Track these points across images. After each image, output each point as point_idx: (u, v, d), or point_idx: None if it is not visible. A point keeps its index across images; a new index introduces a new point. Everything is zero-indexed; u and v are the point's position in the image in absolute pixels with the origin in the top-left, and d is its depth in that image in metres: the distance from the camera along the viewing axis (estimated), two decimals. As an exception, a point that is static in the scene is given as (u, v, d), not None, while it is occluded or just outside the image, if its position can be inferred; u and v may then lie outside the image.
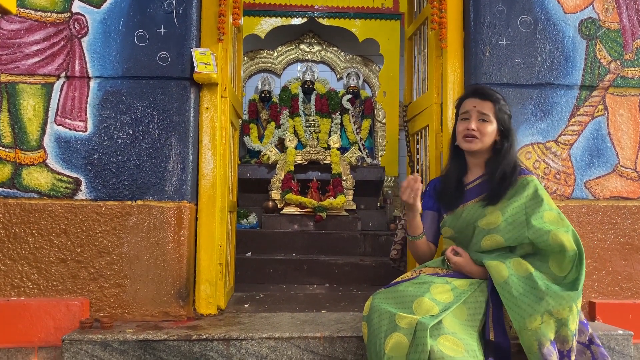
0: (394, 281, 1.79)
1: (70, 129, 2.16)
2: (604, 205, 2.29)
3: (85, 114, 2.17)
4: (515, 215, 1.70)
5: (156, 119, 2.17)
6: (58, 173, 2.14)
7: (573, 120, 2.30)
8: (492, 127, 1.80)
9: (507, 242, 1.70)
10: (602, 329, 2.04)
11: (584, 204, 2.28)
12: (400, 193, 1.80)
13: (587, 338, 1.62)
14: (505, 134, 1.82)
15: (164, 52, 2.19)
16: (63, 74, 2.18)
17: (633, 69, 2.34)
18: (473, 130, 1.79)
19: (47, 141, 2.15)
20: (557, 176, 2.27)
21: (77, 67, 2.18)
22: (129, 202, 2.14)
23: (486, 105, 1.81)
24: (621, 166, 2.31)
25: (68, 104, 2.17)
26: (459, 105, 1.90)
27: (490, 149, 1.84)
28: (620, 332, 2.02)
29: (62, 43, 2.18)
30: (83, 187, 2.14)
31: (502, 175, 1.77)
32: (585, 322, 1.64)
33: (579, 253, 1.62)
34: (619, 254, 2.27)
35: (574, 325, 1.53)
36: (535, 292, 1.55)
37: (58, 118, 2.16)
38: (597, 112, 2.32)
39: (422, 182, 2.55)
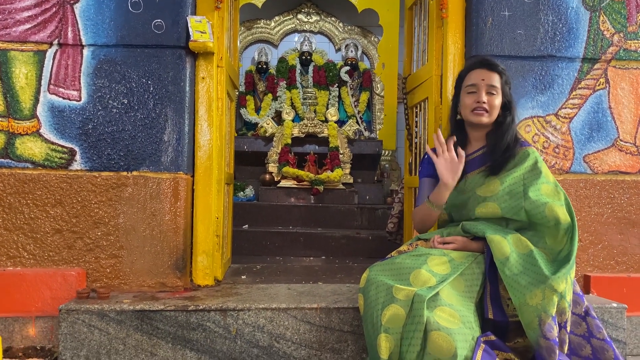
0: (390, 254, 1.79)
1: (64, 98, 2.12)
2: (602, 179, 2.28)
3: (79, 83, 2.13)
4: (514, 185, 1.70)
5: (151, 89, 2.13)
6: (52, 143, 2.11)
7: (574, 93, 2.27)
8: (499, 100, 1.80)
9: (503, 211, 1.69)
10: (596, 302, 2.05)
11: (582, 178, 2.27)
12: (437, 163, 1.76)
13: (583, 309, 1.63)
14: (507, 106, 1.81)
15: (159, 20, 2.14)
16: (56, 42, 2.13)
17: (636, 41, 2.30)
18: (484, 103, 1.77)
19: (41, 110, 2.11)
20: (556, 150, 2.26)
21: (69, 35, 2.13)
22: (125, 173, 2.12)
23: (494, 77, 1.79)
24: (621, 140, 2.29)
25: (61, 72, 2.13)
26: (464, 76, 1.87)
27: (492, 123, 1.82)
28: (615, 305, 2.03)
29: (54, 9, 2.12)
30: (78, 157, 2.12)
31: (505, 148, 1.76)
32: (581, 294, 1.65)
33: (573, 225, 1.62)
34: (615, 228, 2.28)
35: (569, 296, 1.54)
36: (535, 269, 1.54)
37: (51, 87, 2.12)
38: (599, 85, 2.29)
39: (420, 156, 2.53)
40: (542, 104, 2.26)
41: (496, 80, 1.79)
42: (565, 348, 1.53)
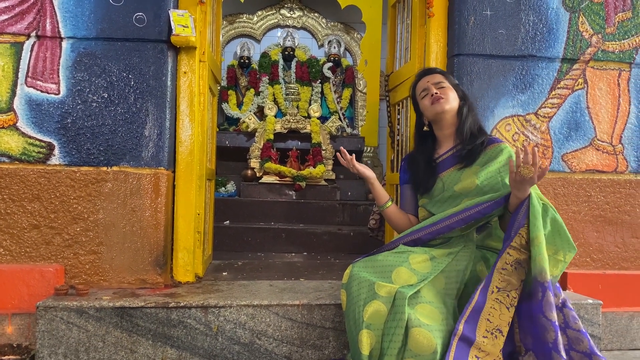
0: (374, 250, 1.80)
1: (42, 92, 2.08)
2: (579, 178, 2.32)
3: (58, 76, 2.09)
4: (491, 179, 1.74)
5: (132, 83, 2.11)
6: (30, 137, 2.07)
7: (553, 93, 2.31)
8: (452, 92, 1.87)
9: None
10: (573, 298, 2.10)
11: (560, 176, 2.31)
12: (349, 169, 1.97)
13: (561, 301, 1.65)
14: (462, 98, 1.90)
15: (140, 13, 2.11)
16: (33, 34, 2.08)
17: (614, 42, 2.34)
18: (437, 93, 1.86)
19: (18, 103, 2.07)
20: (536, 149, 2.29)
21: (48, 27, 2.09)
22: (105, 168, 2.09)
23: (437, 77, 1.91)
24: (598, 140, 2.34)
25: (39, 65, 2.08)
26: (414, 89, 1.97)
27: (456, 117, 1.88)
28: (590, 301, 2.08)
29: (32, 0, 2.08)
30: (56, 151, 2.08)
31: (470, 134, 1.84)
32: (558, 286, 1.68)
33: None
34: (592, 226, 2.33)
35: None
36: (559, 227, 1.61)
37: (29, 80, 2.08)
38: (577, 85, 2.33)
39: (402, 153, 2.55)
40: (523, 103, 2.29)
41: (439, 77, 1.90)
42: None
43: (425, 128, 1.94)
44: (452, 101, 1.85)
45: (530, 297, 1.52)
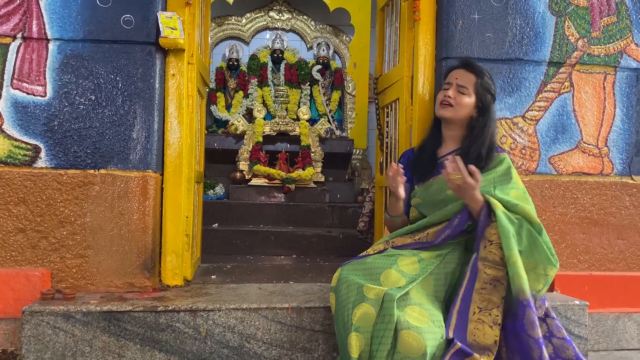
0: (362, 253, 1.80)
1: (28, 94, 2.06)
2: (566, 180, 2.35)
3: (44, 78, 2.07)
4: (483, 188, 1.70)
5: (120, 85, 2.09)
6: (15, 139, 2.05)
7: (540, 96, 2.33)
8: (469, 100, 1.82)
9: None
10: (560, 300, 2.12)
11: (547, 178, 2.33)
12: (385, 177, 1.80)
13: (543, 312, 1.67)
14: (482, 110, 1.82)
15: (128, 15, 2.09)
16: (19, 35, 2.06)
17: (599, 46, 2.37)
18: (449, 97, 1.82)
19: (3, 106, 2.04)
20: (523, 151, 2.31)
21: (34, 28, 2.06)
22: (92, 171, 2.07)
23: (468, 77, 1.83)
24: (584, 142, 2.36)
25: (25, 66, 2.06)
26: (445, 75, 1.93)
27: (466, 124, 1.84)
28: (577, 302, 2.10)
29: (18, 1, 2.06)
30: (43, 154, 2.06)
31: (476, 156, 1.76)
32: (543, 297, 1.69)
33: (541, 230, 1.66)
34: (578, 228, 2.35)
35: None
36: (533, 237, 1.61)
37: (15, 82, 2.05)
38: (564, 88, 2.35)
39: (391, 156, 2.56)
40: (510, 106, 2.31)
41: (469, 80, 1.83)
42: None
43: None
44: (460, 111, 1.81)
45: (514, 316, 1.54)
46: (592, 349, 2.27)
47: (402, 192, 1.81)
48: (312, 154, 4.52)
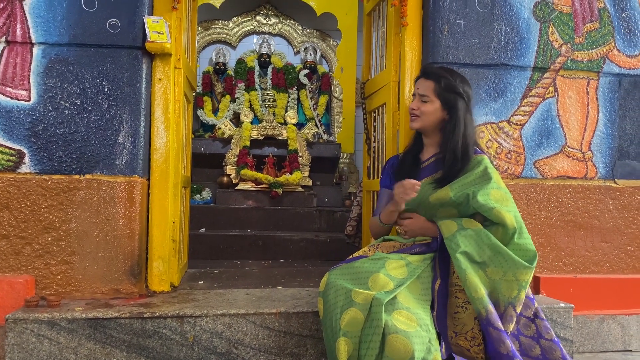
0: (350, 257, 1.80)
1: (11, 98, 2.03)
2: (551, 184, 2.38)
3: (29, 83, 2.04)
4: (462, 192, 1.70)
5: (106, 90, 2.07)
6: (-1, 144, 2.02)
7: (525, 101, 2.36)
8: (432, 107, 1.81)
9: (459, 214, 1.73)
10: (545, 302, 2.14)
11: (532, 182, 2.36)
12: (395, 189, 1.76)
13: (532, 312, 1.68)
14: (451, 111, 1.81)
15: (114, 19, 2.08)
16: (3, 39, 2.04)
17: (583, 52, 2.41)
18: (413, 109, 1.85)
19: (-14, 110, 2.02)
20: (509, 155, 2.34)
21: (18, 32, 2.04)
22: (77, 177, 2.05)
23: (427, 84, 1.82)
24: (568, 147, 2.39)
25: (9, 71, 2.04)
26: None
27: (439, 129, 1.84)
28: (562, 305, 2.12)
29: (2, 5, 2.03)
30: (27, 159, 2.03)
31: (452, 157, 1.76)
32: (532, 297, 1.71)
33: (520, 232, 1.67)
34: (563, 231, 2.38)
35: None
36: (492, 244, 1.61)
37: (-2, 86, 2.03)
38: (548, 93, 2.38)
39: (378, 160, 2.56)
40: (495, 110, 2.33)
41: (428, 87, 1.82)
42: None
43: None
44: (427, 119, 1.82)
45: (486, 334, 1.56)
46: (578, 350, 2.29)
47: (404, 204, 1.79)
48: (299, 158, 4.52)
